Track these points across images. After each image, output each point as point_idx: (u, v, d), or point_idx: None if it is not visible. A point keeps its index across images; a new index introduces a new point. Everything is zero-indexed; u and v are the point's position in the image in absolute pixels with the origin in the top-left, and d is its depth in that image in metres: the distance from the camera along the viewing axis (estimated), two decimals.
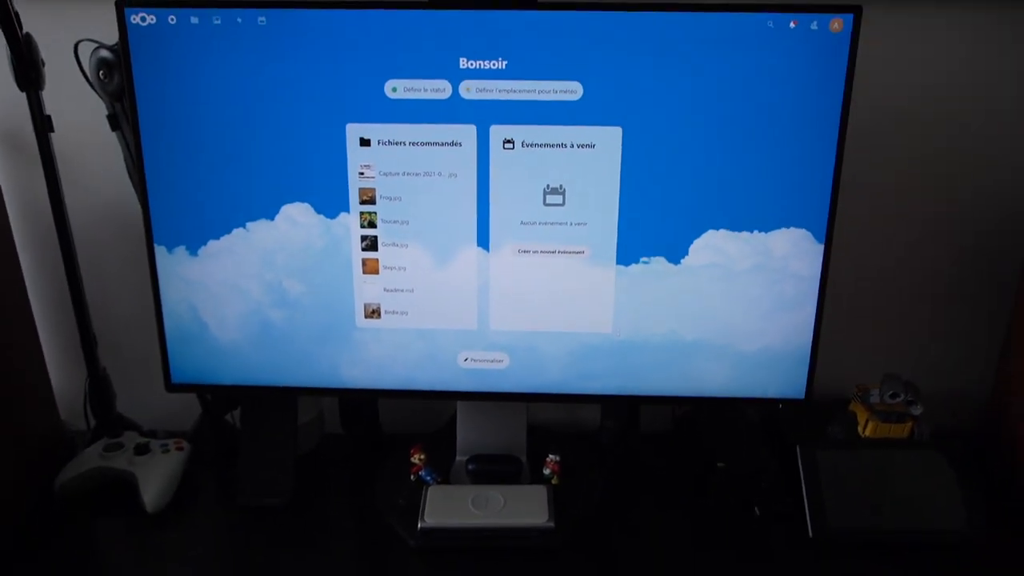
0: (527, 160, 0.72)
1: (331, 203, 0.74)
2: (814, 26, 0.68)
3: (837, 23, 0.68)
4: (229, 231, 0.75)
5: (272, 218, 0.74)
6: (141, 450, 0.86)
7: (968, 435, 0.96)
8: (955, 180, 0.93)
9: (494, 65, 0.69)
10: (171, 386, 0.81)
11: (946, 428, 0.97)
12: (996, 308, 0.98)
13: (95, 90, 0.78)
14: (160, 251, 0.76)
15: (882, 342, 1.01)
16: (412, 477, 0.85)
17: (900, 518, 0.79)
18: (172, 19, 0.69)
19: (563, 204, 0.73)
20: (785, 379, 0.78)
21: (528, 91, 0.70)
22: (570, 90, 0.70)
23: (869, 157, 0.91)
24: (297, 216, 0.74)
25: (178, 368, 0.80)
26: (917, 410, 0.83)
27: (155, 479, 0.84)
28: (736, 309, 0.76)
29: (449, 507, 0.80)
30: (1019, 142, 0.91)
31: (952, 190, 0.94)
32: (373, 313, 0.77)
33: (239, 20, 0.68)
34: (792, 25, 0.68)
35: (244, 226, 0.74)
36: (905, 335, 1.01)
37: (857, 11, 0.67)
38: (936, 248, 0.97)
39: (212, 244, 0.75)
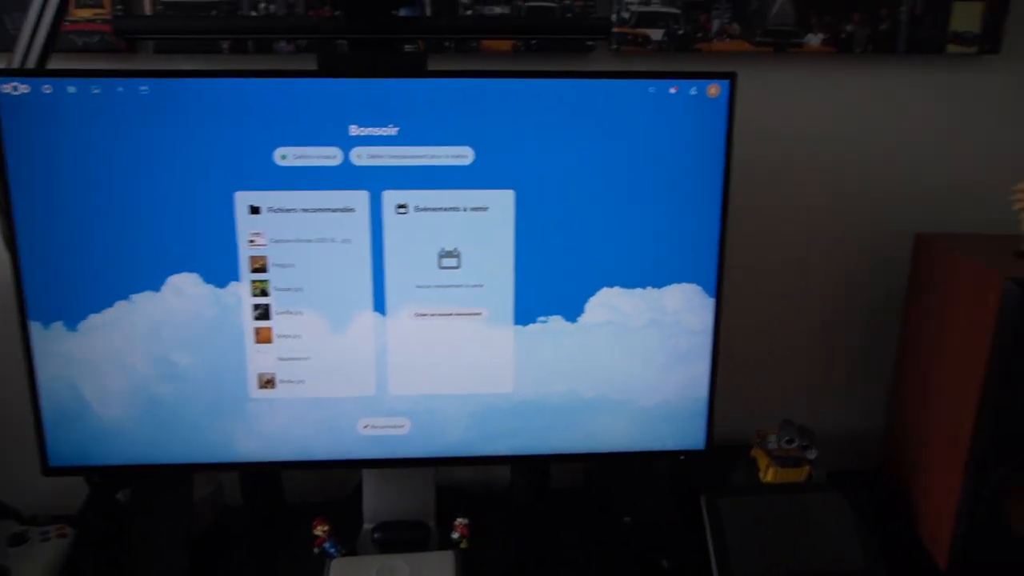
0: (421, 224, 0.72)
1: (220, 272, 0.71)
2: (693, 91, 0.71)
3: (714, 88, 0.71)
4: (111, 304, 0.71)
5: (158, 289, 0.71)
6: (17, 540, 0.80)
7: (867, 474, 1.00)
8: (841, 228, 0.98)
9: (385, 132, 0.69)
10: (48, 469, 0.76)
11: (847, 470, 1.01)
12: (885, 352, 1.03)
13: None
14: (35, 327, 0.71)
15: (781, 388, 1.04)
16: (316, 550, 0.82)
17: (802, 561, 0.81)
18: (47, 88, 0.66)
19: (459, 267, 0.73)
20: (685, 431, 0.80)
21: (420, 156, 0.70)
22: (462, 155, 0.70)
23: (754, 210, 0.95)
24: (184, 286, 0.71)
25: (57, 450, 0.75)
26: (812, 454, 0.86)
27: (32, 571, 0.78)
28: (633, 365, 0.77)
29: None
30: (892, 190, 0.97)
31: (839, 238, 0.99)
32: (267, 383, 0.75)
33: (120, 89, 0.67)
34: (672, 91, 0.71)
35: (127, 298, 0.71)
36: (803, 380, 1.04)
37: (732, 77, 0.71)
38: (823, 295, 1.01)
39: (93, 318, 0.72)
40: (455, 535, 0.83)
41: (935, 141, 0.95)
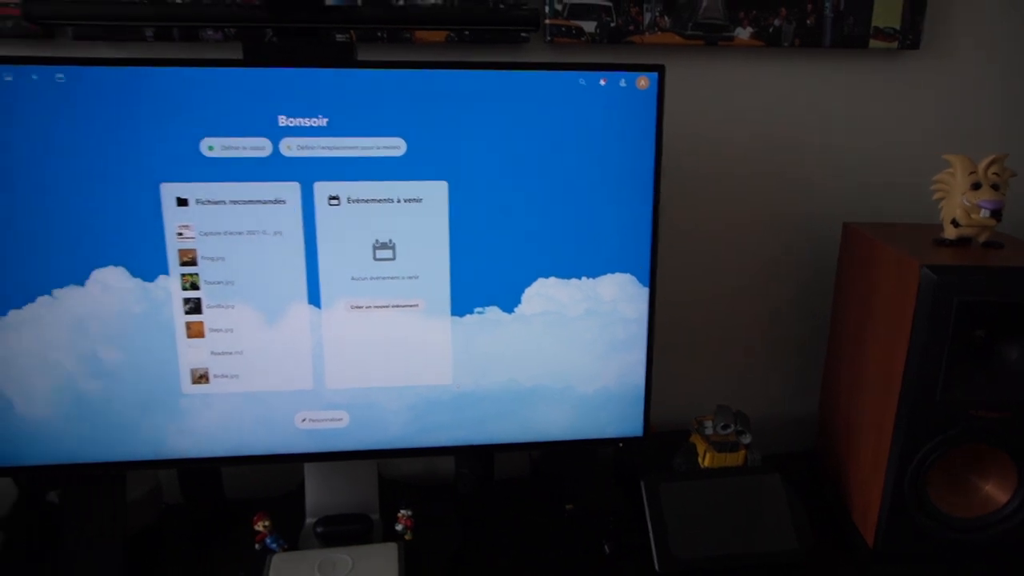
0: (354, 216, 0.71)
1: (148, 266, 0.70)
2: (623, 83, 0.72)
3: (644, 80, 0.72)
4: (33, 299, 0.69)
5: (83, 284, 0.70)
6: None
7: (801, 457, 1.03)
8: (772, 218, 1.01)
9: (315, 122, 0.69)
10: None
11: (783, 453, 1.03)
12: (817, 339, 1.06)
13: None
14: None
15: (718, 375, 1.07)
16: (257, 546, 0.81)
17: (739, 543, 0.83)
18: None
19: (394, 258, 0.73)
20: (623, 418, 0.81)
21: (351, 148, 0.70)
22: (394, 146, 0.70)
23: (687, 201, 0.97)
24: (111, 280, 0.70)
25: None
26: (747, 439, 0.88)
27: None
28: (571, 354, 0.78)
29: (294, 575, 0.76)
30: (827, 181, 1.00)
31: (769, 231, 1.01)
32: (201, 378, 0.74)
33: (34, 77, 0.65)
34: (602, 83, 0.72)
35: (50, 293, 0.69)
36: (739, 367, 1.07)
37: (661, 70, 0.72)
38: (761, 283, 1.03)
39: (13, 314, 0.69)
40: (399, 527, 0.83)
41: (860, 133, 0.99)
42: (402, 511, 0.84)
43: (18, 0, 0.76)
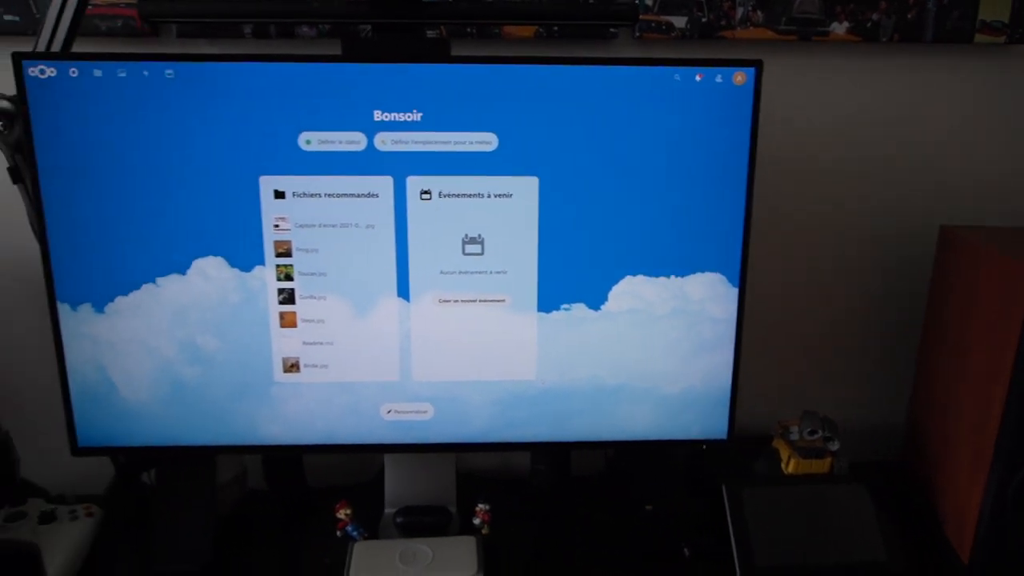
0: (445, 210, 0.72)
1: (246, 256, 0.72)
2: (719, 79, 0.70)
3: (740, 76, 0.71)
4: (138, 287, 0.72)
5: (184, 273, 0.72)
6: (46, 519, 0.81)
7: (889, 467, 1.00)
8: (864, 219, 0.97)
9: (409, 117, 0.69)
10: (77, 450, 0.77)
11: (869, 461, 1.00)
12: (908, 344, 1.02)
13: None
14: (64, 309, 0.72)
15: (803, 379, 1.04)
16: (338, 533, 0.82)
17: (823, 553, 0.80)
18: (73, 72, 0.67)
19: (482, 253, 0.73)
20: (707, 420, 0.80)
21: (444, 142, 0.70)
22: (486, 141, 0.70)
23: (779, 200, 0.94)
24: (210, 270, 0.72)
25: (85, 431, 0.76)
26: (835, 445, 0.85)
27: (61, 550, 0.79)
28: (656, 353, 0.77)
29: (376, 564, 0.77)
30: (924, 181, 0.96)
31: (862, 229, 0.98)
32: (292, 367, 0.75)
33: (145, 73, 0.67)
34: (698, 78, 0.70)
35: (154, 281, 0.72)
36: (825, 372, 1.04)
37: (759, 65, 0.70)
38: (850, 286, 1.00)
39: (120, 301, 0.72)
40: (476, 520, 0.84)
41: (962, 132, 0.94)
42: (480, 505, 0.84)
43: (129, 1, 0.78)
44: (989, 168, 0.96)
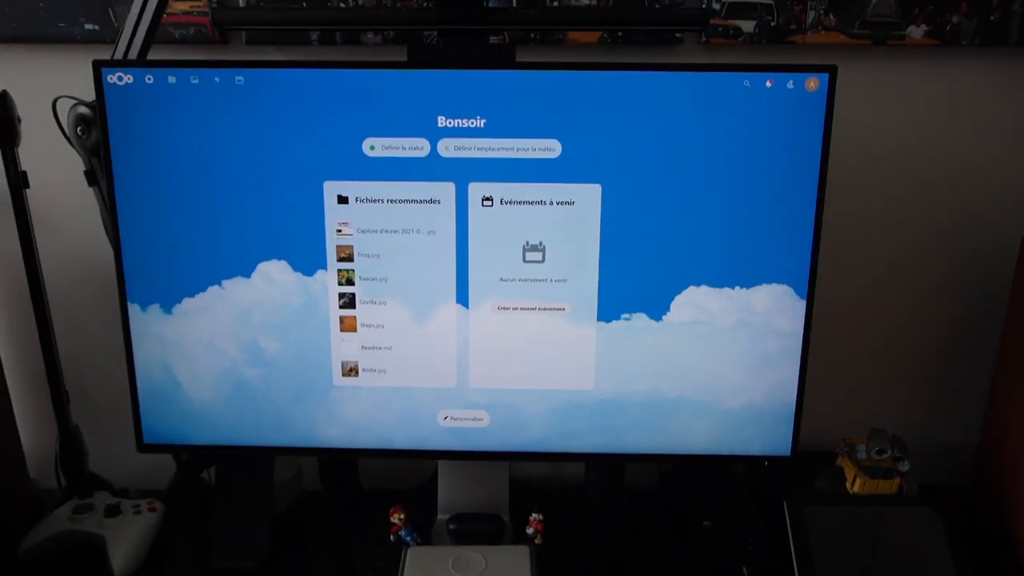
0: (506, 217, 0.71)
1: (308, 260, 0.73)
2: (790, 85, 0.68)
3: (813, 82, 0.68)
4: (204, 289, 0.74)
5: (248, 276, 0.73)
6: (112, 512, 0.84)
7: (958, 490, 0.95)
8: (941, 231, 0.94)
9: (473, 123, 0.69)
10: (143, 447, 0.79)
11: (937, 483, 0.96)
12: (981, 362, 0.98)
13: (73, 146, 0.77)
14: (134, 309, 0.74)
15: (870, 396, 1.00)
16: (392, 537, 0.83)
17: None
18: (149, 79, 0.69)
19: (543, 261, 0.72)
20: (770, 436, 0.77)
21: (507, 149, 0.70)
22: (549, 148, 0.70)
23: (850, 209, 0.91)
24: (274, 274, 0.73)
25: (151, 428, 0.78)
26: (904, 466, 0.82)
27: (125, 542, 0.81)
28: (719, 366, 0.75)
29: (429, 569, 0.77)
30: (998, 191, 0.92)
31: (935, 247, 0.94)
32: (351, 371, 0.76)
33: (216, 79, 0.68)
34: (768, 84, 0.68)
35: (220, 284, 0.73)
36: (892, 389, 1.00)
37: (833, 70, 0.68)
38: (923, 301, 0.97)
39: (187, 302, 0.74)
40: (529, 530, 0.83)
41: None
42: (534, 515, 0.84)
43: (202, 10, 0.80)
44: None
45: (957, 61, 0.87)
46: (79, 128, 0.76)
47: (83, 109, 0.75)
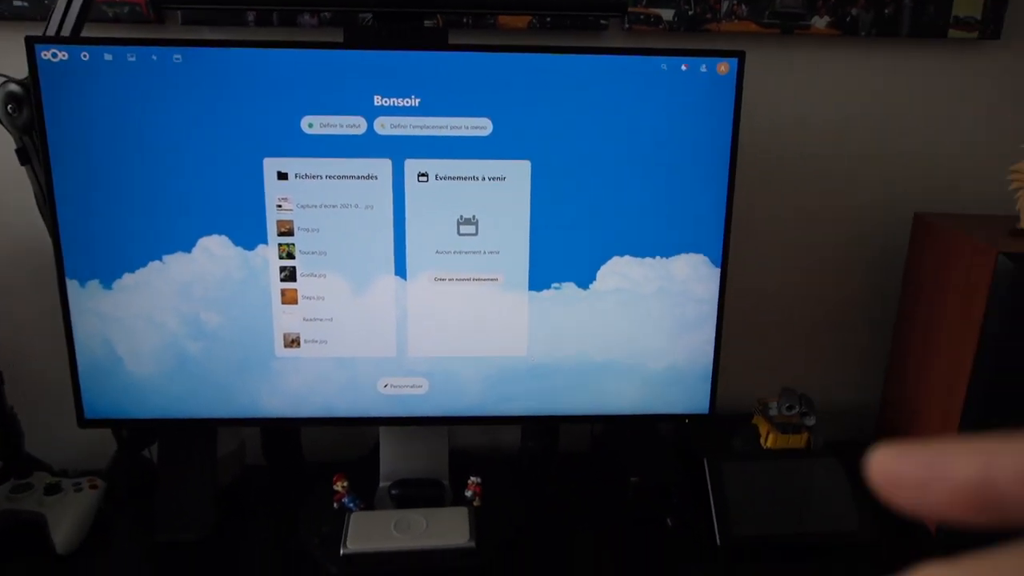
0: (441, 192, 0.75)
1: (249, 235, 0.75)
2: (703, 69, 0.74)
3: (724, 66, 0.74)
4: (145, 264, 0.75)
5: (189, 251, 0.75)
6: (52, 490, 0.84)
7: (863, 445, 1.04)
8: (844, 207, 1.01)
9: (408, 102, 0.72)
10: (84, 421, 0.79)
11: (847, 440, 1.04)
12: (886, 327, 1.06)
13: (3, 124, 0.77)
14: (72, 285, 0.75)
15: (784, 361, 1.08)
16: (335, 505, 0.85)
17: (799, 523, 0.85)
18: (85, 55, 0.69)
19: (476, 234, 0.76)
20: (691, 395, 0.83)
21: (441, 127, 0.73)
22: (481, 126, 0.74)
23: (760, 185, 0.98)
24: (215, 248, 0.75)
25: (92, 403, 0.79)
26: (811, 420, 0.89)
27: (67, 519, 0.82)
28: (642, 330, 0.80)
29: (371, 532, 0.81)
30: (901, 170, 1.00)
31: (843, 217, 1.02)
32: (292, 343, 0.78)
33: (154, 57, 0.70)
34: (683, 68, 0.74)
35: (160, 259, 0.75)
36: (806, 356, 1.08)
37: (741, 56, 0.74)
38: (831, 273, 1.04)
39: (127, 277, 0.75)
40: (468, 493, 0.87)
41: (936, 124, 0.98)
42: (472, 478, 0.88)
43: None
44: (963, 158, 1.00)
45: (855, 49, 0.94)
46: (9, 106, 0.75)
47: (12, 87, 0.75)
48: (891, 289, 1.04)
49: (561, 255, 0.77)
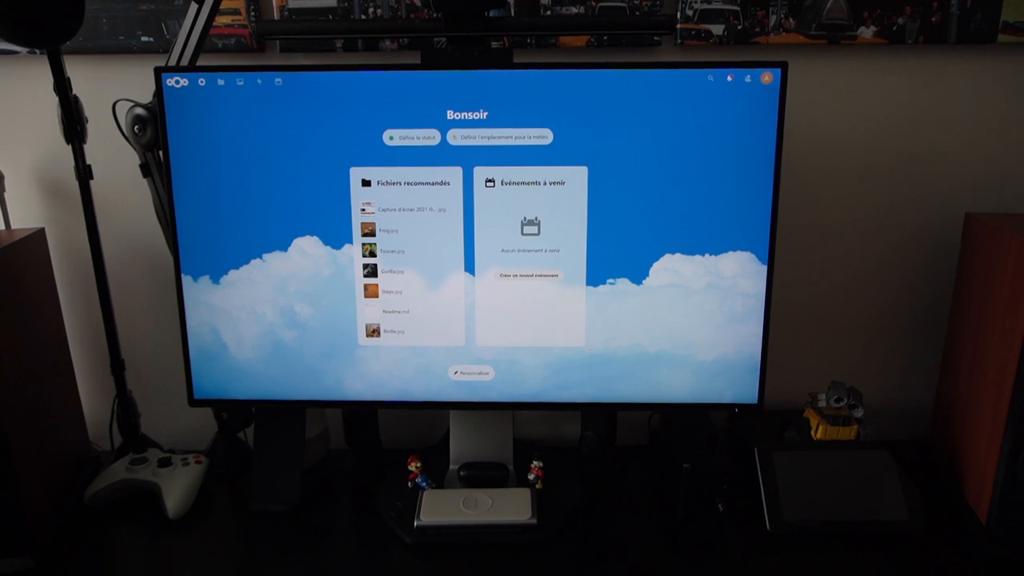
0: (506, 196, 0.83)
1: (337, 236, 0.84)
2: (748, 79, 0.80)
3: (768, 76, 0.80)
4: (248, 261, 0.85)
5: (286, 249, 0.85)
6: (164, 463, 0.95)
7: (915, 443, 1.06)
8: (895, 209, 1.04)
9: (477, 116, 0.81)
10: (194, 401, 0.90)
11: (897, 439, 1.06)
12: (938, 326, 1.08)
13: (129, 142, 0.89)
14: (187, 280, 0.86)
15: (836, 360, 1.11)
16: (409, 484, 0.94)
17: (848, 511, 0.88)
18: (202, 81, 0.81)
19: (538, 234, 0.84)
20: (740, 386, 0.88)
21: (506, 137, 0.81)
22: (542, 136, 0.81)
23: (811, 188, 1.02)
24: (307, 248, 0.85)
25: (200, 385, 0.90)
26: (859, 412, 0.93)
27: (177, 488, 0.93)
28: (693, 323, 0.86)
29: (442, 508, 0.88)
30: (952, 174, 1.02)
31: (893, 219, 1.04)
32: (373, 332, 0.87)
33: (259, 81, 0.80)
34: (729, 79, 0.80)
35: (261, 257, 0.85)
36: (855, 353, 1.10)
37: (784, 66, 0.79)
38: (882, 274, 1.07)
39: (233, 273, 0.86)
40: (531, 476, 0.94)
41: (986, 128, 1.00)
42: (535, 462, 0.95)
43: (242, 23, 0.93)
44: (1012, 161, 1.02)
45: (902, 58, 0.98)
46: (136, 127, 0.88)
47: (139, 110, 0.87)
48: (940, 288, 1.06)
49: (616, 253, 0.84)
